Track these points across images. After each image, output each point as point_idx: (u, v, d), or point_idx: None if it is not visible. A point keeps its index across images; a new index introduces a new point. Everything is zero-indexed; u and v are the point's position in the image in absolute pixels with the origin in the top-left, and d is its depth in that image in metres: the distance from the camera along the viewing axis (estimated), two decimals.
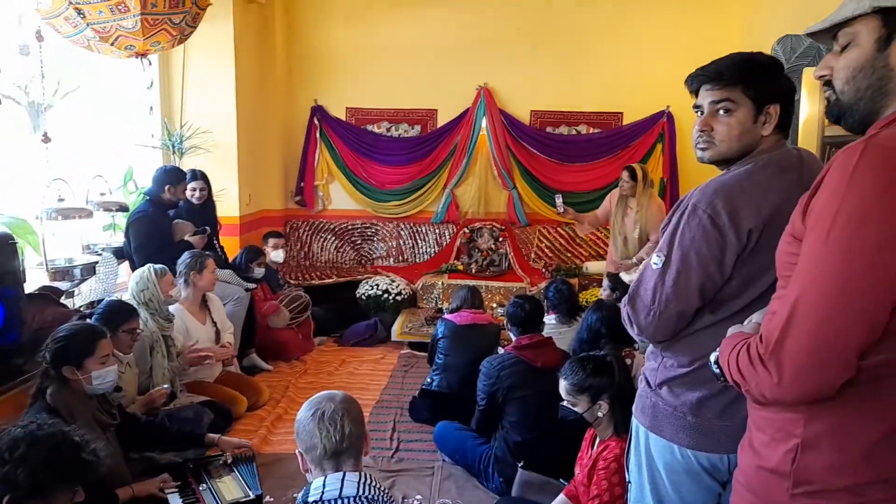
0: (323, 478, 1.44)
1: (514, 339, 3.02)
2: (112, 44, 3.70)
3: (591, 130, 5.93)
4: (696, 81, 1.47)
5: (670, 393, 1.47)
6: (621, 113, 5.90)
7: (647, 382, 1.56)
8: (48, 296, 3.21)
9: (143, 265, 3.51)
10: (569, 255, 5.87)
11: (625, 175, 4.30)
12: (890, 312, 0.87)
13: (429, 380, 3.62)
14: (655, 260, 1.43)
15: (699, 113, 1.47)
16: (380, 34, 5.85)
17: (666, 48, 5.67)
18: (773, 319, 0.97)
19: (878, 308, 0.87)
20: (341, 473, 1.44)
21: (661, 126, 5.76)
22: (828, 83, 1.06)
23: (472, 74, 5.80)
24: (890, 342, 0.89)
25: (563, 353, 3.01)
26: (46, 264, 3.36)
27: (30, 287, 3.06)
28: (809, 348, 0.90)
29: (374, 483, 1.46)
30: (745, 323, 1.23)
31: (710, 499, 1.47)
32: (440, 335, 3.63)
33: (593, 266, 5.54)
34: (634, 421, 1.60)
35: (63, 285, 3.41)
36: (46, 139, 3.45)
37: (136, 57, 4.02)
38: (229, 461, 2.64)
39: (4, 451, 1.51)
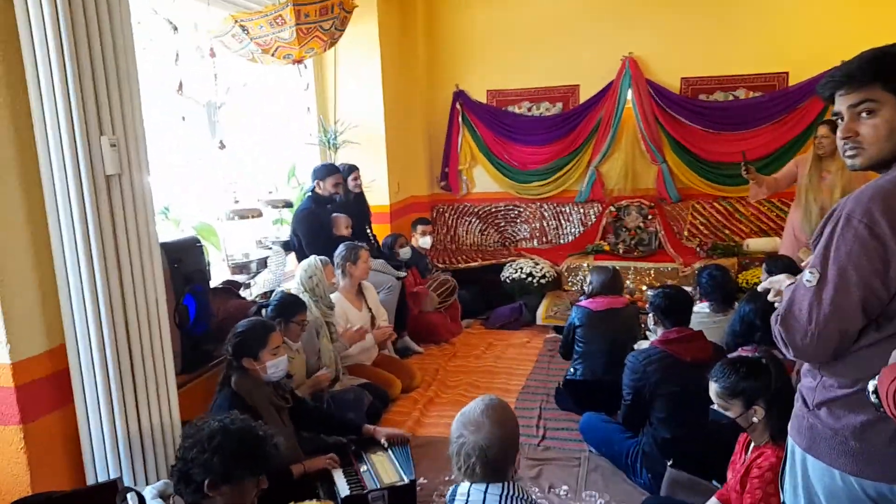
0: (468, 485, 1.53)
1: (653, 329, 2.92)
2: (272, 54, 4.05)
3: (751, 95, 5.46)
4: (827, 88, 1.39)
5: (830, 415, 1.39)
6: (786, 73, 5.35)
7: (804, 401, 1.47)
8: (230, 289, 3.64)
9: (307, 256, 3.84)
10: (727, 231, 5.50)
11: (822, 130, 3.85)
12: None
13: (571, 370, 3.62)
14: (808, 276, 1.35)
15: (840, 120, 1.38)
16: (517, 13, 5.79)
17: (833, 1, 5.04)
18: None
19: None
20: (485, 485, 1.52)
21: None
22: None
23: (615, 45, 5.57)
24: None
25: (716, 346, 2.86)
26: (227, 261, 3.81)
27: (214, 282, 3.49)
28: None
29: (517, 494, 1.52)
30: None
31: None
32: (577, 323, 3.60)
33: (755, 243, 5.15)
34: (790, 440, 1.52)
35: (241, 278, 3.84)
36: (222, 146, 3.87)
37: (294, 64, 4.36)
38: (386, 445, 2.85)
39: (205, 441, 1.77)
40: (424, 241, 5.22)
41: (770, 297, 1.59)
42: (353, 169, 4.72)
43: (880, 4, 4.96)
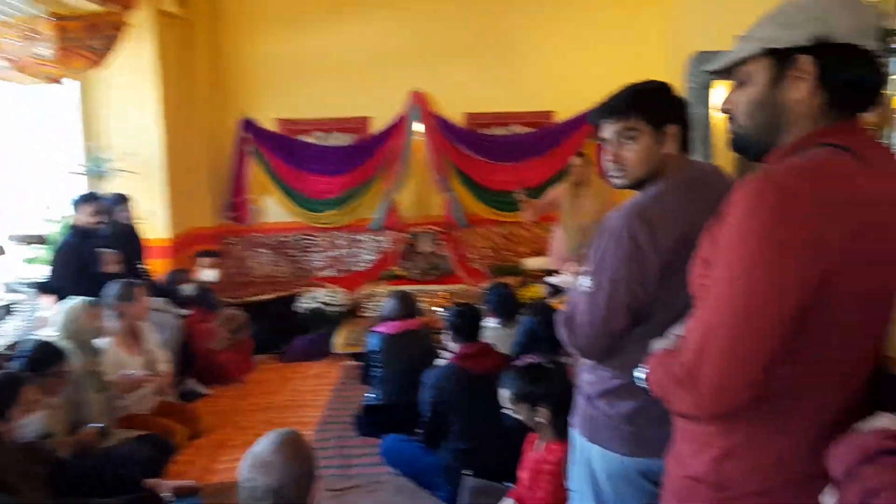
0: None
1: (453, 346, 3.04)
2: (27, 72, 3.56)
3: (525, 130, 6.02)
4: (596, 117, 1.55)
5: (607, 404, 1.53)
6: (552, 112, 6.00)
7: (585, 395, 1.61)
8: None
9: (68, 297, 3.36)
10: (508, 253, 5.95)
11: (576, 161, 4.32)
12: (785, 338, 0.95)
13: (370, 395, 3.60)
14: (587, 283, 1.49)
15: (607, 146, 1.54)
16: (307, 44, 5.78)
17: (592, 50, 5.82)
18: (689, 340, 1.02)
19: (774, 337, 0.94)
20: None
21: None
22: (731, 117, 1.12)
23: (404, 80, 5.79)
24: (791, 362, 0.97)
25: (505, 357, 3.04)
26: None
27: None
28: (720, 374, 0.96)
29: None
30: (666, 337, 1.27)
31: (648, 501, 1.52)
32: (373, 349, 3.61)
33: (532, 262, 5.62)
34: (574, 432, 1.65)
35: None
36: None
37: (54, 82, 3.88)
38: (172, 499, 2.55)
39: None
40: (210, 275, 4.87)
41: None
42: (121, 199, 4.28)
43: (626, 59, 5.82)
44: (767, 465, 1.02)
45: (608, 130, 1.52)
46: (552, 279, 3.18)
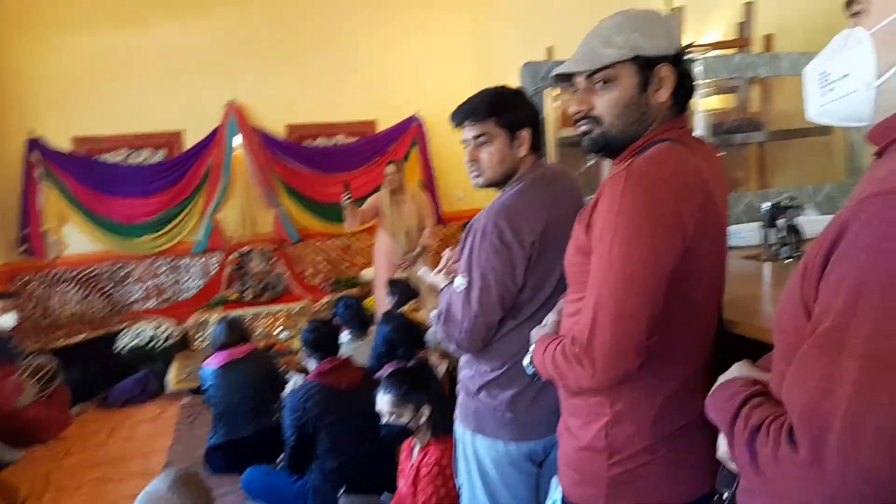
0: None
1: (310, 365, 2.94)
2: None
3: (349, 140, 6.00)
4: (456, 119, 1.61)
5: (488, 395, 1.60)
6: (375, 121, 6.06)
7: (466, 390, 1.67)
8: None
9: None
10: (346, 265, 5.89)
11: (390, 169, 4.43)
12: (660, 305, 1.08)
13: (212, 434, 3.36)
14: (460, 282, 1.56)
15: (466, 146, 1.61)
16: (106, 52, 5.26)
17: (412, 57, 6.00)
18: (580, 321, 1.11)
19: (654, 303, 1.07)
20: None
21: (413, 131, 6.04)
22: (585, 118, 1.20)
23: (219, 91, 5.51)
24: (661, 328, 1.10)
25: (364, 369, 3.01)
26: None
27: None
28: (612, 341, 1.06)
29: None
30: (544, 325, 1.37)
31: (531, 481, 1.63)
32: (206, 386, 3.38)
33: (369, 273, 5.63)
34: (459, 428, 1.70)
35: None
36: None
37: None
38: None
39: None
40: (5, 320, 4.19)
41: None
42: None
43: (444, 66, 6.06)
44: (648, 425, 1.16)
45: (467, 133, 1.59)
46: (425, 274, 3.21)
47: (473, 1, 6.06)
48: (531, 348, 1.31)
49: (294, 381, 3.35)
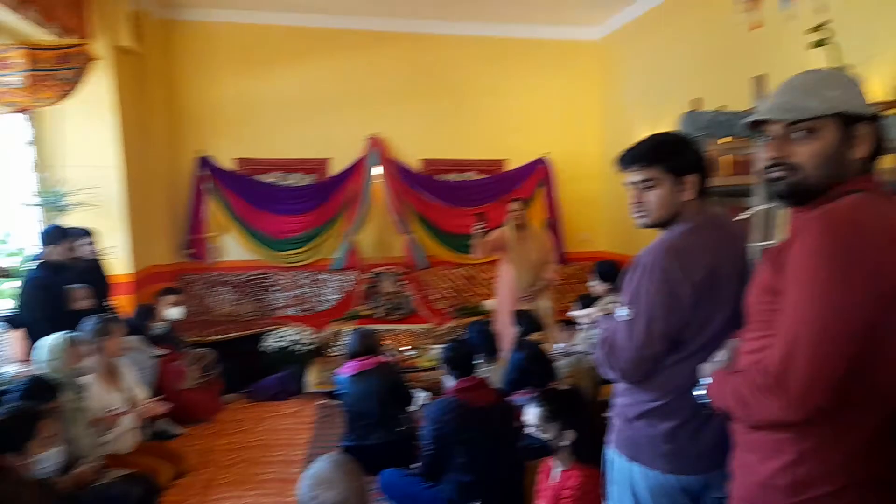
0: None
1: (449, 381, 3.16)
2: None
3: (479, 176, 6.32)
4: (623, 163, 1.72)
5: (647, 424, 1.67)
6: (505, 160, 6.35)
7: (623, 416, 1.75)
8: None
9: (38, 333, 3.27)
10: (469, 294, 6.16)
11: (514, 206, 4.71)
12: (859, 348, 1.13)
13: (345, 435, 3.62)
14: (624, 312, 1.65)
15: (631, 189, 1.71)
16: (266, 86, 5.88)
17: (540, 103, 6.29)
18: (772, 355, 1.18)
19: (850, 345, 1.12)
20: None
21: (540, 171, 6.27)
22: (780, 164, 1.26)
23: (362, 124, 5.98)
24: (856, 374, 1.14)
25: (497, 390, 3.21)
26: None
27: None
28: (808, 374, 1.12)
29: None
30: (712, 361, 1.47)
31: None
32: (339, 392, 3.63)
33: (490, 303, 5.85)
34: (614, 453, 1.78)
35: None
36: None
37: (21, 112, 3.81)
38: None
39: None
40: (173, 313, 4.77)
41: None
42: (85, 233, 4.16)
43: (572, 112, 6.31)
44: (836, 468, 1.17)
45: (634, 177, 1.69)
46: (577, 313, 3.46)
47: (601, 58, 6.29)
48: (704, 381, 1.41)
49: (423, 398, 3.56)
